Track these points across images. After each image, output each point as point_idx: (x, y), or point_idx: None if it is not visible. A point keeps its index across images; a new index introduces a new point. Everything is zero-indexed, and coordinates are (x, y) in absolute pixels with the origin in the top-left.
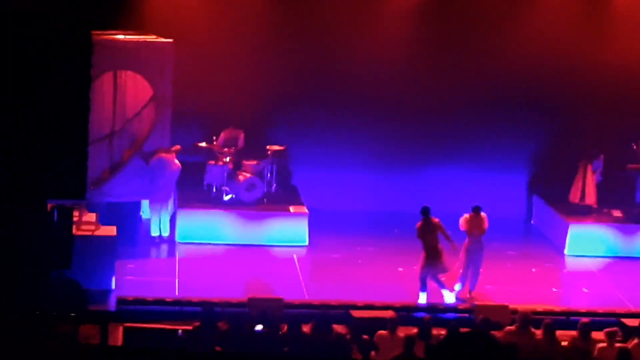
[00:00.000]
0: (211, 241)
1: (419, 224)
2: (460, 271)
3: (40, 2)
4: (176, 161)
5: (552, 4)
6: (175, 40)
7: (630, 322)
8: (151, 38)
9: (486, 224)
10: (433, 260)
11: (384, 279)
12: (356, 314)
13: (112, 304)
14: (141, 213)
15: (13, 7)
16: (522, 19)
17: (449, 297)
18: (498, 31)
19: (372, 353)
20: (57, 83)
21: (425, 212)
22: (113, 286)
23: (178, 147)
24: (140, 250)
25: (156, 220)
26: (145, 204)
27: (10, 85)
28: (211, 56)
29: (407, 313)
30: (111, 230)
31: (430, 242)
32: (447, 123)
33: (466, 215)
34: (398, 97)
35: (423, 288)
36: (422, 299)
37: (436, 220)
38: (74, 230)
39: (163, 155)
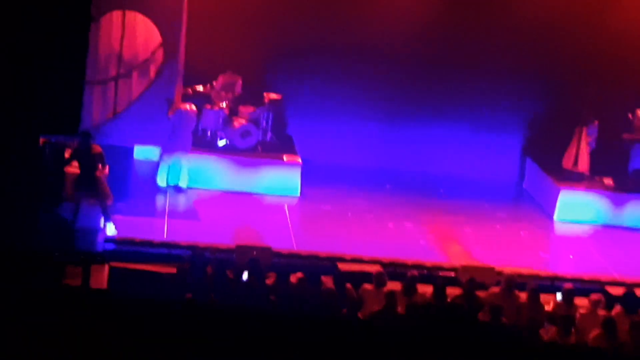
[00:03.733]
0: (203, 186)
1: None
2: None
3: None
4: (192, 107)
5: None
6: None
7: (614, 290)
8: None
9: None
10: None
11: (373, 234)
12: (343, 266)
13: (99, 244)
14: (136, 156)
15: None
16: None
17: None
18: None
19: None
20: (55, 16)
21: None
22: (102, 226)
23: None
24: (131, 192)
25: (166, 169)
26: (144, 149)
27: (6, 17)
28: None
29: (394, 268)
30: (103, 170)
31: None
32: (445, 82)
33: None
34: (398, 53)
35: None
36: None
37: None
38: (65, 168)
39: (181, 106)
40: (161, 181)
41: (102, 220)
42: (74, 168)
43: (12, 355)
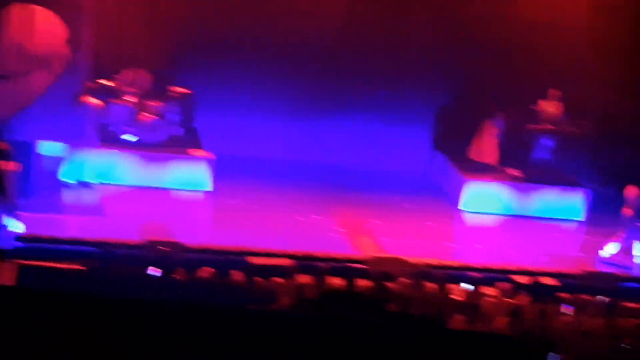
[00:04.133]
0: (110, 182)
1: None
2: None
3: None
4: (99, 102)
5: None
6: None
7: (520, 278)
8: None
9: None
10: None
11: (283, 227)
12: (253, 260)
13: (5, 241)
14: (42, 152)
15: None
16: None
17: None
18: None
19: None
20: None
21: None
22: (7, 223)
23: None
24: (37, 188)
25: (73, 165)
26: (49, 145)
27: None
28: None
29: (304, 262)
30: (8, 166)
31: None
32: (354, 75)
33: None
34: (306, 44)
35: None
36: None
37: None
38: None
39: (86, 99)
40: (67, 177)
41: (7, 217)
42: None
43: None
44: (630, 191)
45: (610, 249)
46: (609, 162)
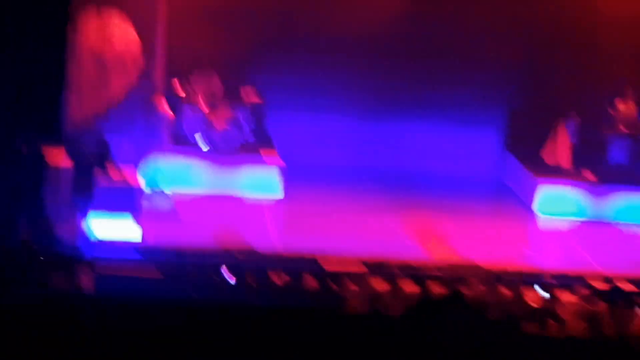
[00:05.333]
0: (182, 187)
1: None
2: None
3: None
4: (170, 106)
5: None
6: None
7: (599, 284)
8: None
9: None
10: None
11: (356, 233)
12: (328, 267)
13: (83, 247)
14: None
15: None
16: None
17: None
18: None
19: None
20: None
21: None
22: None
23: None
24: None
25: (146, 171)
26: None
27: None
28: None
29: (378, 268)
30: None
31: None
32: (423, 76)
33: None
34: (377, 47)
35: None
36: None
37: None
38: None
39: (159, 104)
40: (143, 184)
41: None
42: None
43: None
44: None
45: None
46: None
